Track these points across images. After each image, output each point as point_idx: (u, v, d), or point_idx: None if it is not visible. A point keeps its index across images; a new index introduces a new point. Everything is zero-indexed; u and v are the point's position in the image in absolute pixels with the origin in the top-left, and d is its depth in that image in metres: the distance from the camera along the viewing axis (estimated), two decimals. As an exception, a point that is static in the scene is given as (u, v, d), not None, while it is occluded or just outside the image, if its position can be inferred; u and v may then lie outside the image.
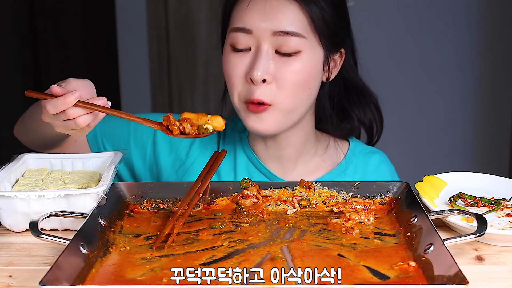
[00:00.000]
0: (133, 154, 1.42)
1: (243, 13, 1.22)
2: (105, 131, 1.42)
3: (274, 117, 1.24)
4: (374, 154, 1.44)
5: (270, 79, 1.22)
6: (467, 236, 0.96)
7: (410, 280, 0.89)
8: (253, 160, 1.39)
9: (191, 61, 3.62)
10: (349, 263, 0.94)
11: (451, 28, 3.31)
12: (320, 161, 1.41)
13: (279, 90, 1.22)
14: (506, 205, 1.15)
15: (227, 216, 1.14)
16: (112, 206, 1.10)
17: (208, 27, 3.56)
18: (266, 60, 1.21)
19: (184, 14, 3.56)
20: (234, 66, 1.24)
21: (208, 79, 3.63)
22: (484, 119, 3.40)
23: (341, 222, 1.08)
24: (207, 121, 1.11)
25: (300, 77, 1.23)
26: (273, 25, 1.20)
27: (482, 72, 3.36)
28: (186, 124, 1.10)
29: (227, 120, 1.46)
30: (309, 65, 1.23)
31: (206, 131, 1.11)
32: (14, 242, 1.07)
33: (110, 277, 0.90)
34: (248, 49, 1.23)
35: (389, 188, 1.18)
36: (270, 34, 1.21)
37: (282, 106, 1.24)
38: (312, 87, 1.27)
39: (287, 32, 1.20)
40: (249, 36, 1.22)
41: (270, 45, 1.21)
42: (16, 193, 1.06)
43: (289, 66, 1.22)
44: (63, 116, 1.09)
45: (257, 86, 1.22)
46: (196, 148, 1.42)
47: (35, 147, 1.36)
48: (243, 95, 1.24)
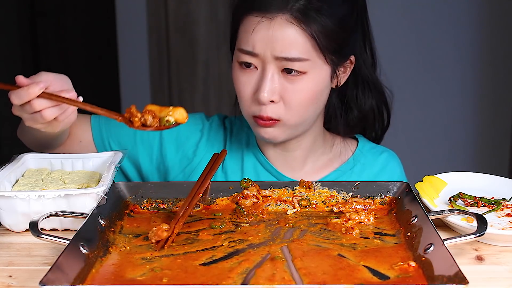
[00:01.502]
0: (140, 154, 1.42)
1: (249, 37, 1.22)
2: (111, 131, 1.42)
3: (282, 129, 1.27)
4: (382, 153, 1.44)
5: (277, 98, 1.23)
6: (467, 236, 0.96)
7: (410, 280, 0.89)
8: (260, 160, 1.39)
9: (191, 61, 3.62)
10: (349, 263, 0.94)
11: (451, 28, 3.31)
12: (328, 160, 1.42)
13: (286, 108, 1.24)
14: (506, 205, 1.15)
15: (227, 216, 1.14)
16: (112, 206, 1.10)
17: (208, 27, 3.56)
18: (272, 82, 1.22)
19: (184, 14, 3.57)
20: (243, 84, 1.26)
21: (208, 79, 3.63)
22: (484, 119, 3.40)
23: (341, 222, 1.08)
24: (169, 113, 1.09)
25: (306, 95, 1.24)
26: (276, 51, 1.20)
27: (482, 72, 3.36)
28: (148, 116, 1.09)
29: (235, 119, 1.46)
30: (315, 83, 1.24)
31: (167, 123, 1.09)
32: (14, 242, 1.07)
33: (110, 277, 0.90)
34: (255, 68, 1.24)
35: (389, 188, 1.18)
36: (273, 59, 1.21)
37: (290, 122, 1.25)
38: (320, 101, 1.29)
39: (289, 58, 1.20)
40: (254, 58, 1.23)
41: (275, 66, 1.22)
42: (16, 193, 1.06)
43: (295, 85, 1.22)
44: (29, 108, 1.08)
45: (265, 106, 1.23)
46: (203, 146, 1.42)
47: (37, 148, 1.36)
48: (252, 111, 1.26)
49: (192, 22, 3.57)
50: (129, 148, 1.41)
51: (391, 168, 1.43)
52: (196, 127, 1.44)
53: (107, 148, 1.41)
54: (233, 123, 1.46)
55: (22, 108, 1.09)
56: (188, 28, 3.58)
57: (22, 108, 1.09)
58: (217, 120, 1.47)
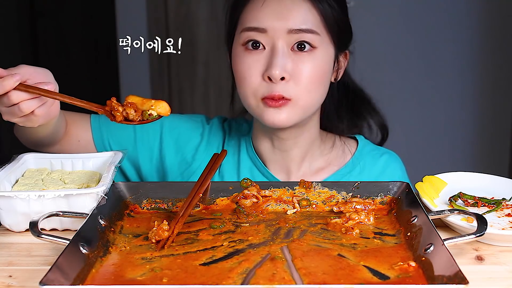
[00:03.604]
0: (139, 154, 1.42)
1: (257, 13, 1.23)
2: (111, 131, 1.41)
3: (292, 111, 1.25)
4: (383, 155, 1.42)
5: (288, 76, 1.22)
6: (467, 236, 0.96)
7: (410, 280, 0.89)
8: (256, 164, 1.39)
9: (191, 61, 3.62)
10: (349, 263, 0.94)
11: (451, 29, 3.31)
12: (325, 163, 1.40)
13: (297, 86, 1.23)
14: (506, 205, 1.15)
15: (227, 216, 1.14)
16: (112, 206, 1.10)
17: (208, 27, 3.56)
18: (283, 58, 1.22)
19: (184, 14, 3.57)
20: (249, 65, 1.24)
21: (208, 79, 3.63)
22: (484, 119, 3.40)
23: (341, 222, 1.08)
24: (151, 106, 1.08)
25: (316, 73, 1.24)
26: (288, 24, 1.21)
27: (482, 72, 3.36)
28: (130, 109, 1.08)
29: (234, 122, 1.46)
30: (323, 61, 1.25)
31: (150, 117, 1.09)
32: (14, 242, 1.07)
33: (110, 277, 0.90)
34: (263, 48, 1.24)
35: (389, 188, 1.18)
36: (285, 33, 1.22)
37: (301, 102, 1.24)
38: (325, 85, 1.29)
39: (302, 29, 1.22)
40: (263, 35, 1.23)
41: (285, 43, 1.22)
42: (16, 193, 1.06)
43: (305, 63, 1.23)
44: (6, 101, 1.07)
45: (276, 84, 1.22)
46: (202, 151, 1.41)
47: (33, 147, 1.36)
48: (261, 92, 1.24)
49: (192, 22, 3.57)
50: (129, 149, 1.41)
51: (392, 171, 1.41)
52: (197, 130, 1.44)
53: (107, 147, 1.41)
54: (232, 126, 1.46)
55: (0, 101, 1.08)
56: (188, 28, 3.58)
57: (0, 101, 1.08)
58: (217, 123, 1.47)
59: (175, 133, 1.42)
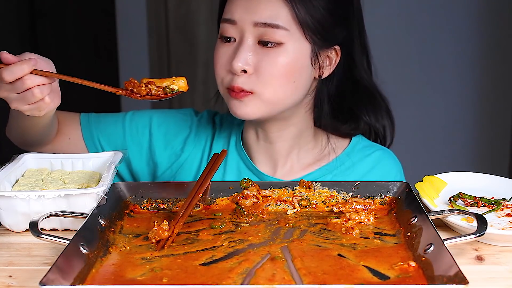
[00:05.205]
0: (130, 150, 1.43)
1: (231, 5, 1.26)
2: (101, 128, 1.42)
3: (256, 104, 1.25)
4: (376, 151, 1.41)
5: (251, 70, 1.23)
6: (467, 236, 0.96)
7: (410, 280, 0.89)
8: (243, 158, 1.40)
9: (191, 61, 3.62)
10: (349, 263, 0.94)
11: (451, 28, 3.31)
12: (314, 158, 1.40)
13: (259, 80, 1.24)
14: (506, 205, 1.15)
15: (227, 216, 1.14)
16: (112, 206, 1.10)
17: (208, 27, 3.56)
18: (247, 51, 1.23)
19: (184, 14, 3.57)
20: (219, 55, 1.27)
21: (208, 79, 3.63)
22: (484, 119, 3.41)
23: (341, 222, 1.08)
24: (173, 81, 1.15)
25: (281, 69, 1.23)
26: (255, 17, 1.22)
27: (482, 72, 3.36)
28: (152, 85, 1.13)
29: (224, 116, 1.47)
30: (292, 58, 1.24)
31: (172, 91, 1.15)
32: (14, 242, 1.07)
33: (110, 277, 0.90)
34: (234, 40, 1.26)
35: (389, 188, 1.18)
36: (252, 25, 1.22)
37: (263, 96, 1.25)
38: (298, 81, 1.27)
39: (267, 24, 1.22)
40: (234, 27, 1.25)
41: (253, 36, 1.23)
42: (16, 193, 1.06)
43: (270, 58, 1.23)
44: (20, 85, 1.08)
45: (238, 76, 1.24)
46: (190, 142, 1.43)
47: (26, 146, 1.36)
48: (226, 82, 1.27)
49: (192, 22, 3.57)
50: (119, 144, 1.42)
51: (383, 167, 1.40)
52: (185, 123, 1.46)
53: (96, 145, 1.42)
54: (223, 119, 1.47)
55: (12, 87, 1.09)
56: (188, 28, 3.58)
57: (12, 87, 1.09)
58: (206, 116, 1.48)
59: (164, 128, 1.44)
